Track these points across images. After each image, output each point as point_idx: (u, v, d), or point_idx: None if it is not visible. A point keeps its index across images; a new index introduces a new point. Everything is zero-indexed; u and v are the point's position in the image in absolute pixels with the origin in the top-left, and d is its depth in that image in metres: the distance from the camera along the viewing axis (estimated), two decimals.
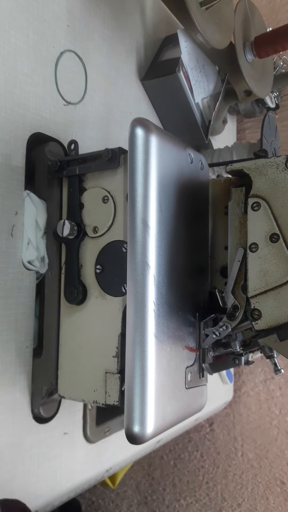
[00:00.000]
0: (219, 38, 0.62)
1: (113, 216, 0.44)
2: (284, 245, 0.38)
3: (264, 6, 1.01)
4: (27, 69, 0.48)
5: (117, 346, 0.42)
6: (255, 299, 0.39)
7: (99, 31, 0.59)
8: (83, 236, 0.46)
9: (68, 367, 0.46)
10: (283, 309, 0.38)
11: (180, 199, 0.41)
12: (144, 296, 0.36)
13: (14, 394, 0.45)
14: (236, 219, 0.43)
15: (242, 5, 0.68)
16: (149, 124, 0.38)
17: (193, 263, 0.43)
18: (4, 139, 0.45)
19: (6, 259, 0.45)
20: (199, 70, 0.68)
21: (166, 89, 0.66)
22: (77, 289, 0.45)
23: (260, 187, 0.40)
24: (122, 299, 0.43)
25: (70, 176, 0.47)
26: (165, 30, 0.73)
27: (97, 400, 0.43)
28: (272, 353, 0.47)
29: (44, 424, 0.48)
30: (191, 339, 0.42)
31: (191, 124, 0.69)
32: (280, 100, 0.95)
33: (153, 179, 0.38)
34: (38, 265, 0.48)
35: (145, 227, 0.37)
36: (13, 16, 0.46)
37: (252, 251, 0.39)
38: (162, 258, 0.38)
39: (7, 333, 0.44)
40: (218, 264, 0.46)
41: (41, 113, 0.49)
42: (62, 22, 0.52)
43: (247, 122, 1.06)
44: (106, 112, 0.60)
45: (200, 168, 0.45)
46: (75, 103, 0.54)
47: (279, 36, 0.68)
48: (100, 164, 0.45)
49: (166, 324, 0.38)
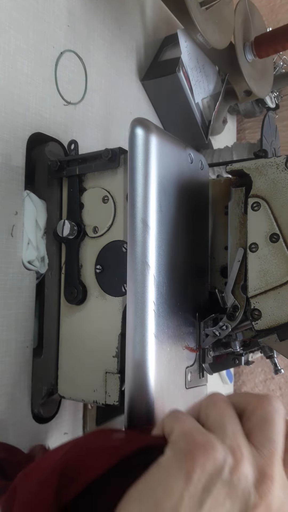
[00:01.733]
0: (219, 38, 0.62)
1: (113, 216, 0.44)
2: (284, 245, 0.38)
3: (264, 6, 1.01)
4: (27, 69, 0.48)
5: (117, 346, 0.42)
6: (255, 299, 0.39)
7: (99, 31, 0.59)
8: (83, 236, 0.46)
9: (68, 367, 0.46)
10: (283, 309, 0.38)
11: (180, 199, 0.41)
12: (144, 296, 0.36)
13: (14, 394, 0.45)
14: (236, 219, 0.43)
15: (242, 5, 0.68)
16: (149, 124, 0.38)
17: (193, 263, 0.43)
18: (4, 139, 0.45)
19: (6, 259, 0.45)
20: (199, 70, 0.68)
21: (166, 89, 0.66)
22: (77, 289, 0.45)
23: (260, 187, 0.40)
24: (122, 299, 0.43)
25: (70, 176, 0.47)
26: (165, 30, 0.73)
27: (97, 400, 0.43)
28: (272, 353, 0.47)
29: (44, 424, 0.48)
30: (191, 339, 0.42)
31: (191, 124, 0.69)
32: (280, 100, 0.95)
33: (153, 179, 0.38)
34: (38, 265, 0.48)
35: (145, 227, 0.37)
36: (13, 16, 0.46)
37: (252, 251, 0.39)
38: (162, 258, 0.38)
39: (7, 333, 0.44)
40: (218, 264, 0.46)
41: (41, 113, 0.49)
42: (62, 22, 0.52)
43: (247, 122, 1.06)
44: (106, 112, 0.60)
45: (200, 168, 0.45)
46: (75, 103, 0.54)
47: (279, 36, 0.68)
48: (100, 164, 0.45)
49: (166, 324, 0.38)
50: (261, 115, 0.90)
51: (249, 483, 0.25)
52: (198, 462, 0.25)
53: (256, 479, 0.26)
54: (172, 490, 0.24)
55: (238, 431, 0.27)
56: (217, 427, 0.28)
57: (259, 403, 0.29)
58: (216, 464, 0.25)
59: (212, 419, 0.28)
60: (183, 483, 0.24)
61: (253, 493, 0.25)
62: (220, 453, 0.25)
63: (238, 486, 0.25)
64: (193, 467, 0.25)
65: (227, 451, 0.26)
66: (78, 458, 0.28)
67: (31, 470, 0.30)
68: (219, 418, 0.28)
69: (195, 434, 0.27)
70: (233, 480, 0.25)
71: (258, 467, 0.26)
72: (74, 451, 0.29)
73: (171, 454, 0.26)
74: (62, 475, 0.27)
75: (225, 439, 0.26)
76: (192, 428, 0.27)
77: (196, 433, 0.27)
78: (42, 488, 0.27)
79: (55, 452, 0.30)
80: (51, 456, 0.30)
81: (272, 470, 0.26)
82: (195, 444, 0.26)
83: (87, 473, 0.27)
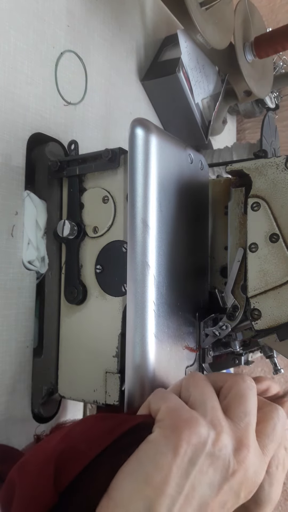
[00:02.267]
0: (219, 38, 0.62)
1: (113, 216, 0.44)
2: (284, 245, 0.38)
3: (264, 6, 1.01)
4: (27, 69, 0.48)
5: (117, 346, 0.42)
6: (255, 299, 0.39)
7: (99, 31, 0.59)
8: (83, 236, 0.46)
9: (68, 367, 0.46)
10: (283, 309, 0.38)
11: (180, 199, 0.41)
12: (144, 296, 0.36)
13: (14, 394, 0.45)
14: (236, 219, 0.43)
15: (242, 5, 0.68)
16: (149, 124, 0.38)
17: (193, 263, 0.43)
18: (4, 139, 0.45)
19: (6, 259, 0.45)
20: (199, 70, 0.68)
21: (166, 89, 0.67)
22: (77, 289, 0.45)
23: (260, 187, 0.40)
24: (122, 299, 0.43)
25: (70, 176, 0.47)
26: (165, 30, 0.73)
27: (97, 400, 0.43)
28: (272, 353, 0.47)
29: (44, 424, 0.48)
30: (191, 339, 0.42)
31: (191, 124, 0.69)
32: (280, 100, 0.95)
33: (153, 179, 0.38)
34: (38, 265, 0.48)
35: (145, 227, 0.37)
36: (13, 16, 0.46)
37: (252, 251, 0.40)
38: (162, 258, 0.38)
39: (7, 333, 0.44)
40: (218, 264, 0.46)
41: (41, 113, 0.49)
42: (62, 22, 0.53)
43: (247, 122, 1.06)
44: (106, 112, 0.60)
45: (200, 168, 0.45)
46: (75, 103, 0.55)
47: (279, 36, 0.68)
48: (100, 164, 0.45)
49: (166, 324, 0.38)
50: (261, 115, 0.90)
51: (228, 452, 0.28)
52: (184, 437, 0.27)
53: (235, 448, 0.29)
54: (161, 464, 0.27)
55: (217, 407, 0.30)
56: (199, 404, 0.30)
57: (235, 381, 0.32)
58: (200, 437, 0.28)
59: (194, 397, 0.31)
60: (171, 457, 0.27)
61: (232, 460, 0.28)
62: (203, 428, 0.28)
63: (219, 456, 0.28)
64: (180, 442, 0.27)
65: (209, 426, 0.28)
66: (74, 442, 0.30)
67: (27, 461, 0.31)
68: (199, 396, 0.31)
69: (180, 411, 0.29)
70: (214, 451, 0.28)
71: (236, 438, 0.29)
72: (69, 437, 0.31)
73: (158, 431, 0.29)
74: (58, 461, 0.29)
75: (206, 415, 0.29)
76: (177, 405, 0.30)
77: (180, 410, 0.29)
78: (39, 480, 0.28)
79: (49, 440, 0.32)
80: (45, 445, 0.31)
81: (248, 439, 0.29)
82: (180, 420, 0.28)
83: (84, 456, 0.29)
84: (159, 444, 0.28)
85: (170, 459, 0.27)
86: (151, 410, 0.31)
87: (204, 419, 0.29)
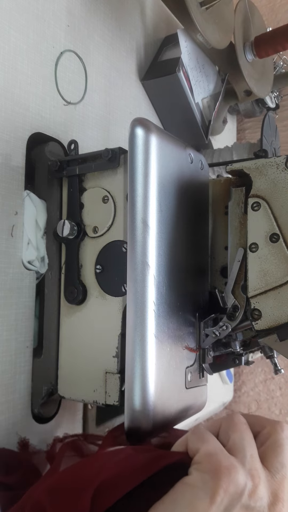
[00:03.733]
0: (219, 38, 0.62)
1: (113, 216, 0.44)
2: (284, 245, 0.38)
3: (264, 6, 1.01)
4: (27, 69, 0.48)
5: (117, 346, 0.42)
6: (255, 299, 0.39)
7: (99, 31, 0.59)
8: (83, 236, 0.46)
9: (68, 367, 0.46)
10: (283, 309, 0.38)
11: (180, 199, 0.41)
12: (144, 296, 0.36)
13: (14, 394, 0.45)
14: (236, 219, 0.43)
15: (242, 5, 0.68)
16: (149, 124, 0.38)
17: (193, 263, 0.43)
18: (4, 139, 0.45)
19: (6, 259, 0.45)
20: (199, 70, 0.68)
21: (166, 89, 0.66)
22: (77, 289, 0.45)
23: (260, 187, 0.40)
24: (122, 299, 0.43)
25: (70, 176, 0.47)
26: (165, 30, 0.73)
27: (97, 400, 0.43)
28: (272, 353, 0.47)
29: (44, 424, 0.48)
30: (191, 339, 0.42)
31: (191, 124, 0.69)
32: (280, 100, 0.95)
33: (153, 179, 0.38)
34: (38, 265, 0.48)
35: (145, 227, 0.37)
36: (13, 16, 0.46)
37: (252, 251, 0.39)
38: (162, 258, 0.38)
39: (7, 333, 0.44)
40: (218, 264, 0.46)
41: (41, 113, 0.49)
42: (62, 22, 0.52)
43: (247, 122, 1.06)
44: (106, 112, 0.60)
45: (200, 168, 0.45)
46: (75, 103, 0.54)
47: (279, 36, 0.68)
48: (100, 164, 0.45)
49: (166, 324, 0.38)
50: (261, 115, 0.89)
51: (263, 505, 0.28)
52: (222, 484, 0.27)
53: (270, 501, 0.29)
54: (197, 509, 0.27)
55: (256, 456, 0.30)
56: (238, 450, 0.30)
57: (273, 429, 0.32)
58: (238, 487, 0.27)
59: (233, 441, 0.31)
60: (207, 503, 0.27)
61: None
62: (242, 477, 0.28)
63: (254, 507, 0.28)
64: (218, 489, 0.27)
65: (247, 475, 0.28)
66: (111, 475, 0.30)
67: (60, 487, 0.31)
68: (239, 441, 0.31)
69: (219, 456, 0.29)
70: (250, 502, 0.28)
71: (272, 490, 0.29)
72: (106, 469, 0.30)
73: (197, 474, 0.28)
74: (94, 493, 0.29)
75: (245, 463, 0.29)
76: (216, 450, 0.30)
77: (220, 455, 0.29)
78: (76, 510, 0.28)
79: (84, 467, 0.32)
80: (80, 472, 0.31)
81: (284, 493, 0.30)
82: (220, 466, 0.28)
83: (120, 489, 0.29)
84: (197, 489, 0.27)
85: (207, 506, 0.27)
86: (188, 449, 0.31)
87: (243, 468, 0.29)
